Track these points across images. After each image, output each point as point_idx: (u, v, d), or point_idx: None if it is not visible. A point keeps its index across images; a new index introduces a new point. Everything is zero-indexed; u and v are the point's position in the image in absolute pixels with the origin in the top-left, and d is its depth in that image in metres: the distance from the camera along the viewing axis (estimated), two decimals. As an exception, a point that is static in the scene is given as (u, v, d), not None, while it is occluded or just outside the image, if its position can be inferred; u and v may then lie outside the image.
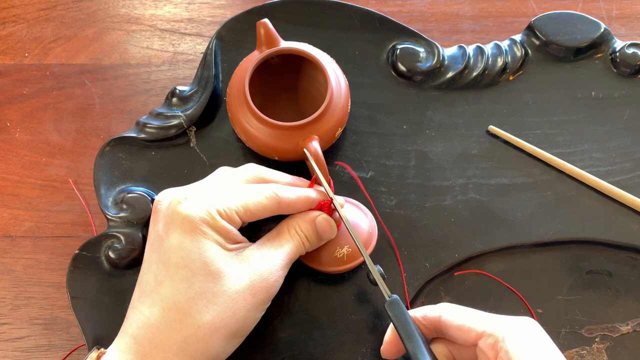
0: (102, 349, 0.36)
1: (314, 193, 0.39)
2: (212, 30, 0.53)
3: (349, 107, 0.43)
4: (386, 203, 0.44)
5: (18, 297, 0.44)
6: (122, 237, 0.41)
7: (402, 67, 0.47)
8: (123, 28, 0.53)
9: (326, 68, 0.40)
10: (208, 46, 0.47)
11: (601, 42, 0.48)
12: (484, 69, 0.47)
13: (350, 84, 0.44)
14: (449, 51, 0.48)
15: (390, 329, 0.36)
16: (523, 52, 0.48)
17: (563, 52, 0.48)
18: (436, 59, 0.47)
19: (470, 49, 0.48)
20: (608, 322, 0.42)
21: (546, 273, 0.43)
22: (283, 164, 0.43)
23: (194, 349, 0.33)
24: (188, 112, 0.45)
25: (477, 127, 0.46)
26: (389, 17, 0.49)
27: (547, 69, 0.48)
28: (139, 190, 0.43)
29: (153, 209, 0.36)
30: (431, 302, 0.39)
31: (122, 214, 0.42)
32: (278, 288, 0.36)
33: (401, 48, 0.47)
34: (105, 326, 0.40)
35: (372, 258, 0.38)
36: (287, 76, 0.45)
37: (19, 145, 0.49)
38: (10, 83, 0.51)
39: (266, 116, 0.39)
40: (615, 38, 0.48)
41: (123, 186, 0.44)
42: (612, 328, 0.41)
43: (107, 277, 0.41)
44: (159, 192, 0.37)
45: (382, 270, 0.37)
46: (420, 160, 0.45)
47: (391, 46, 0.48)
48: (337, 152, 0.45)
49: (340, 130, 0.42)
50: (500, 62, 0.47)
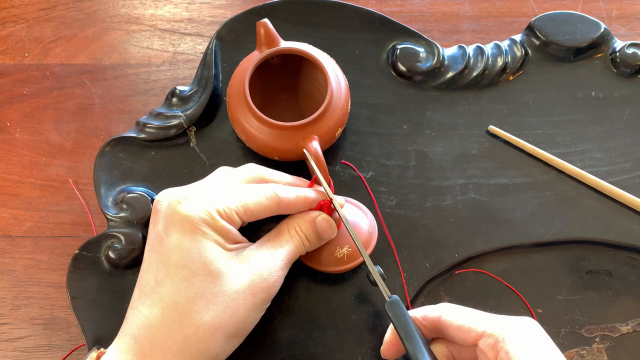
0: (102, 349, 0.36)
1: (314, 193, 0.39)
2: (212, 30, 0.53)
3: (349, 107, 0.43)
4: (386, 203, 0.44)
5: (18, 297, 0.44)
6: (122, 237, 0.41)
7: (402, 67, 0.47)
8: (123, 28, 0.53)
9: (326, 68, 0.40)
10: (208, 46, 0.47)
11: (601, 42, 0.48)
12: (484, 69, 0.47)
13: (350, 84, 0.44)
14: (449, 51, 0.48)
15: (390, 329, 0.36)
16: (523, 52, 0.48)
17: (563, 52, 0.48)
18: (436, 59, 0.47)
19: (470, 49, 0.48)
20: (608, 322, 0.42)
21: (546, 273, 0.43)
22: (283, 164, 0.43)
23: (194, 349, 0.33)
24: (188, 112, 0.45)
25: (477, 127, 0.46)
26: (389, 17, 0.49)
27: (547, 69, 0.48)
28: (139, 190, 0.43)
29: (153, 209, 0.36)
30: (431, 302, 0.39)
31: (122, 214, 0.42)
32: (278, 288, 0.36)
33: (401, 48, 0.47)
34: (105, 326, 0.40)
35: (372, 258, 0.38)
36: (287, 76, 0.45)
37: (19, 145, 0.49)
38: (10, 83, 0.51)
39: (266, 116, 0.39)
40: (615, 38, 0.48)
41: (123, 186, 0.44)
42: (612, 328, 0.41)
43: (107, 277, 0.41)
44: (159, 192, 0.37)
45: (382, 270, 0.37)
46: (420, 160, 0.45)
47: (391, 46, 0.48)
48: (337, 152, 0.45)
49: (340, 130, 0.42)
50: (500, 62, 0.47)
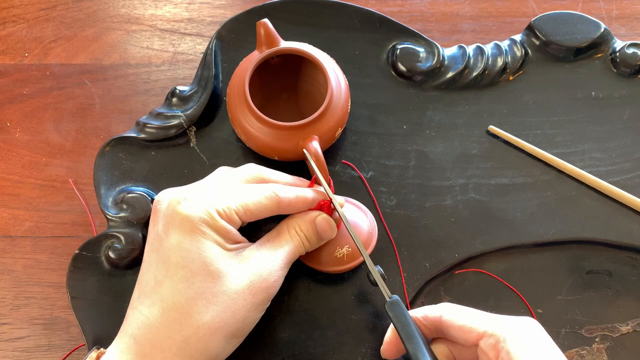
0: (102, 349, 0.36)
1: (314, 193, 0.39)
2: (212, 30, 0.53)
3: (349, 107, 0.42)
4: (386, 203, 0.44)
5: (18, 297, 0.44)
6: (122, 237, 0.41)
7: (402, 67, 0.47)
8: (123, 28, 0.53)
9: (326, 68, 0.40)
10: (208, 46, 0.47)
11: (601, 42, 0.48)
12: (484, 69, 0.47)
13: (350, 84, 0.44)
14: (449, 51, 0.48)
15: (390, 330, 0.36)
16: (523, 52, 0.48)
17: (563, 52, 0.48)
18: (436, 59, 0.47)
19: (470, 49, 0.48)
20: (608, 322, 0.42)
21: (546, 273, 0.43)
22: (283, 164, 0.43)
23: (194, 349, 0.33)
24: (188, 112, 0.45)
25: (477, 127, 0.46)
26: (389, 17, 0.49)
27: (547, 69, 0.48)
28: (139, 190, 0.43)
29: (153, 209, 0.36)
30: (431, 302, 0.39)
31: (122, 214, 0.42)
32: (278, 288, 0.36)
33: (401, 48, 0.47)
34: (105, 326, 0.40)
35: (372, 258, 0.38)
36: (287, 76, 0.45)
37: (19, 145, 0.49)
38: (10, 83, 0.51)
39: (266, 116, 0.39)
40: (615, 38, 0.48)
41: (123, 186, 0.44)
42: (612, 328, 0.41)
43: (107, 277, 0.41)
44: (159, 192, 0.37)
45: (382, 270, 0.37)
46: (420, 160, 0.45)
47: (391, 46, 0.48)
48: (337, 152, 0.45)
49: (340, 130, 0.42)
50: (500, 62, 0.47)
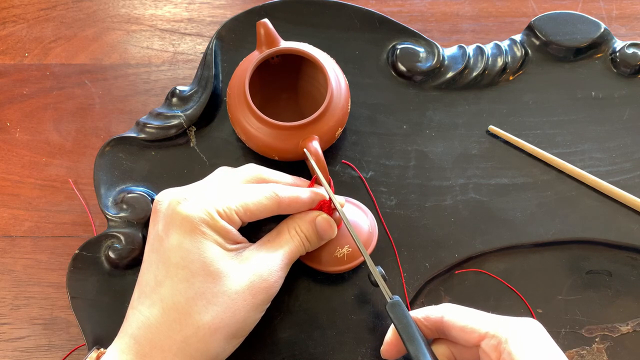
0: (102, 349, 0.36)
1: (314, 193, 0.39)
2: (212, 30, 0.53)
3: (349, 107, 0.42)
4: (386, 203, 0.44)
5: (18, 297, 0.44)
6: (122, 237, 0.41)
7: (402, 67, 0.47)
8: (123, 28, 0.53)
9: (326, 68, 0.40)
10: (208, 46, 0.47)
11: (601, 42, 0.48)
12: (484, 69, 0.47)
13: (350, 84, 0.44)
14: (449, 51, 0.48)
15: (391, 330, 0.36)
16: (523, 52, 0.48)
17: (563, 52, 0.48)
18: (436, 59, 0.47)
19: (470, 49, 0.48)
20: (608, 322, 0.42)
21: (546, 273, 0.43)
22: (283, 164, 0.43)
23: (194, 349, 0.33)
24: (188, 112, 0.45)
25: (477, 127, 0.46)
26: (389, 17, 0.49)
27: (547, 69, 0.48)
28: (139, 190, 0.43)
29: (153, 209, 0.36)
30: (431, 302, 0.39)
31: (122, 214, 0.42)
32: (278, 289, 0.36)
33: (401, 48, 0.47)
34: (105, 326, 0.40)
35: (372, 258, 0.38)
36: (287, 76, 0.45)
37: (19, 145, 0.49)
38: (10, 83, 0.51)
39: (266, 116, 0.39)
40: (615, 38, 0.48)
41: (123, 186, 0.44)
42: (612, 328, 0.41)
43: (107, 277, 0.41)
44: (159, 192, 0.37)
45: (383, 271, 0.37)
46: (420, 160, 0.45)
47: (391, 46, 0.48)
48: (337, 152, 0.45)
49: (340, 130, 0.42)
50: (500, 62, 0.47)
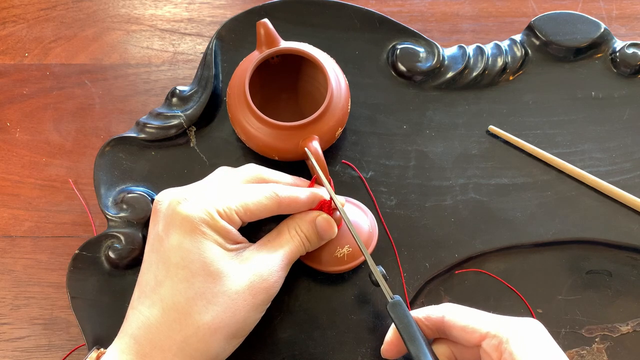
0: (102, 349, 0.36)
1: (314, 193, 0.39)
2: (212, 30, 0.53)
3: (349, 107, 0.42)
4: (386, 203, 0.44)
5: (18, 297, 0.44)
6: (122, 237, 0.41)
7: (402, 67, 0.47)
8: (123, 28, 0.53)
9: (326, 68, 0.40)
10: (208, 46, 0.47)
11: (601, 42, 0.48)
12: (484, 69, 0.47)
13: (350, 84, 0.44)
14: (449, 51, 0.48)
15: (391, 330, 0.36)
16: (523, 52, 0.48)
17: (563, 52, 0.48)
18: (436, 59, 0.47)
19: (470, 49, 0.48)
20: (608, 322, 0.42)
21: (546, 273, 0.43)
22: (283, 164, 0.43)
23: (194, 349, 0.33)
24: (188, 112, 0.45)
25: (477, 127, 0.46)
26: (389, 17, 0.49)
27: (547, 69, 0.48)
28: (139, 190, 0.43)
29: (153, 209, 0.36)
30: (431, 302, 0.39)
31: (122, 214, 0.42)
32: (278, 289, 0.36)
33: (401, 48, 0.47)
34: (105, 326, 0.40)
35: (373, 258, 0.38)
36: (287, 76, 0.45)
37: (19, 145, 0.49)
38: (10, 83, 0.51)
39: (266, 116, 0.39)
40: (615, 38, 0.48)
41: (123, 186, 0.44)
42: (612, 328, 0.41)
43: (107, 277, 0.41)
44: (159, 192, 0.37)
45: (384, 271, 0.37)
46: (420, 160, 0.45)
47: (391, 46, 0.48)
48: (337, 152, 0.45)
49: (340, 130, 0.42)
50: (500, 62, 0.47)
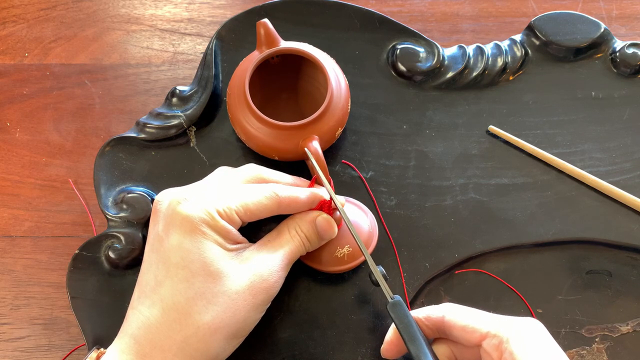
0: (102, 349, 0.36)
1: (314, 193, 0.39)
2: (212, 30, 0.53)
3: (349, 107, 0.42)
4: (386, 203, 0.44)
5: (18, 297, 0.44)
6: (122, 237, 0.41)
7: (402, 67, 0.47)
8: (123, 28, 0.53)
9: (326, 68, 0.40)
10: (208, 46, 0.47)
11: (601, 42, 0.48)
12: (484, 69, 0.47)
13: (350, 84, 0.44)
14: (449, 51, 0.48)
15: (391, 329, 0.36)
16: (523, 52, 0.48)
17: (563, 52, 0.48)
18: (436, 59, 0.47)
19: (470, 49, 0.48)
20: (608, 322, 0.42)
21: (546, 273, 0.43)
22: (283, 164, 0.43)
23: (194, 349, 0.33)
24: (188, 112, 0.45)
25: (477, 127, 0.46)
26: (389, 17, 0.49)
27: (547, 69, 0.48)
28: (139, 190, 0.43)
29: (153, 209, 0.36)
30: (431, 302, 0.39)
31: (122, 214, 0.42)
32: (278, 289, 0.36)
33: (401, 48, 0.47)
34: (105, 326, 0.40)
35: (373, 258, 0.38)
36: (287, 76, 0.45)
37: (19, 145, 0.49)
38: (10, 83, 0.51)
39: (266, 116, 0.39)
40: (615, 38, 0.48)
41: (123, 186, 0.44)
42: (612, 328, 0.41)
43: (107, 277, 0.41)
44: (159, 192, 0.37)
45: (384, 270, 0.37)
46: (420, 160, 0.45)
47: (391, 46, 0.48)
48: (337, 152, 0.45)
49: (340, 130, 0.42)
50: (500, 62, 0.47)
